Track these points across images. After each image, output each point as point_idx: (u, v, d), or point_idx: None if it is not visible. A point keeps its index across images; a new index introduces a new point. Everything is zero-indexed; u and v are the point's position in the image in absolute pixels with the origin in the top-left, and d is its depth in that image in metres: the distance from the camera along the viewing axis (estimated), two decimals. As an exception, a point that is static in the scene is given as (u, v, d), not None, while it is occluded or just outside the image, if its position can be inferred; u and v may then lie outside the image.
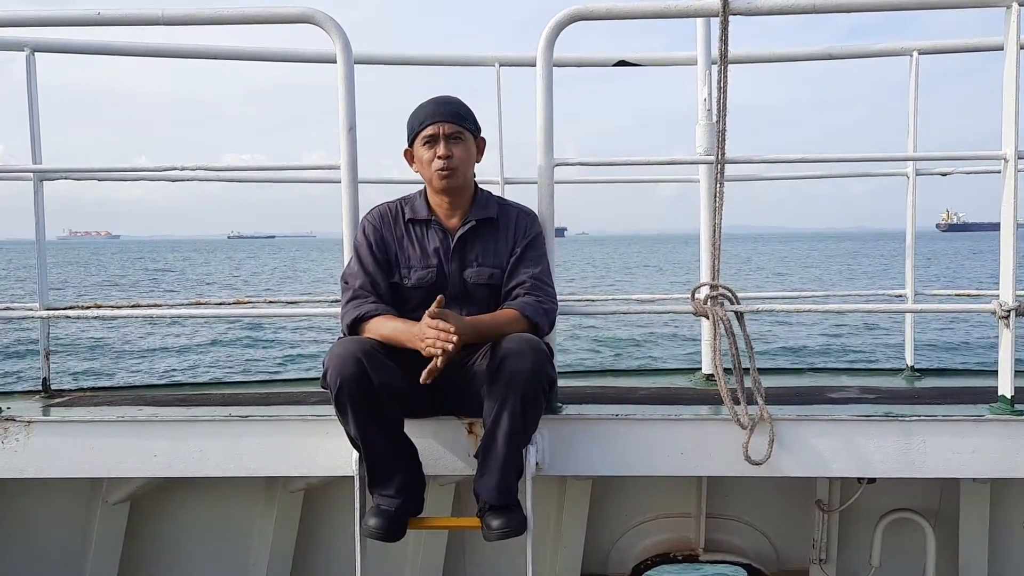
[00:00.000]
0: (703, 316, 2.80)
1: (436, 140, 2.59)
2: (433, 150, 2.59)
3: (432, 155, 2.59)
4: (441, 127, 2.59)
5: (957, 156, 3.40)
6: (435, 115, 2.60)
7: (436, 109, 2.61)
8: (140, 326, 19.57)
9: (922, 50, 3.62)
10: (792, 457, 2.68)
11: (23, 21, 2.83)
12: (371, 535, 2.46)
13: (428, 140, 2.60)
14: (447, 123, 2.59)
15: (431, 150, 2.60)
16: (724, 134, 2.75)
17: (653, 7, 2.73)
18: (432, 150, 2.59)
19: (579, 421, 2.74)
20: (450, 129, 2.59)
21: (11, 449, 2.76)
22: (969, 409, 2.77)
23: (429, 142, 2.60)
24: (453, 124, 2.60)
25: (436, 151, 2.59)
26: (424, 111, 2.62)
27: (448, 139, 2.59)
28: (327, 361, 2.38)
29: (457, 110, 2.62)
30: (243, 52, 3.77)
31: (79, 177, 3.44)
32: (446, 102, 2.64)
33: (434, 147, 2.59)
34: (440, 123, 2.59)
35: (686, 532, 3.75)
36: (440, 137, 2.59)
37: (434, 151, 2.59)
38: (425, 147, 2.61)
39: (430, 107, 2.62)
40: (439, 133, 2.59)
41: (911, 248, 3.73)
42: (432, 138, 2.59)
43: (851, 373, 4.16)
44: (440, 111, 2.60)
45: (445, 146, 2.58)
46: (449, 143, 2.59)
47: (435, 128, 2.59)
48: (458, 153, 2.60)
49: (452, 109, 2.62)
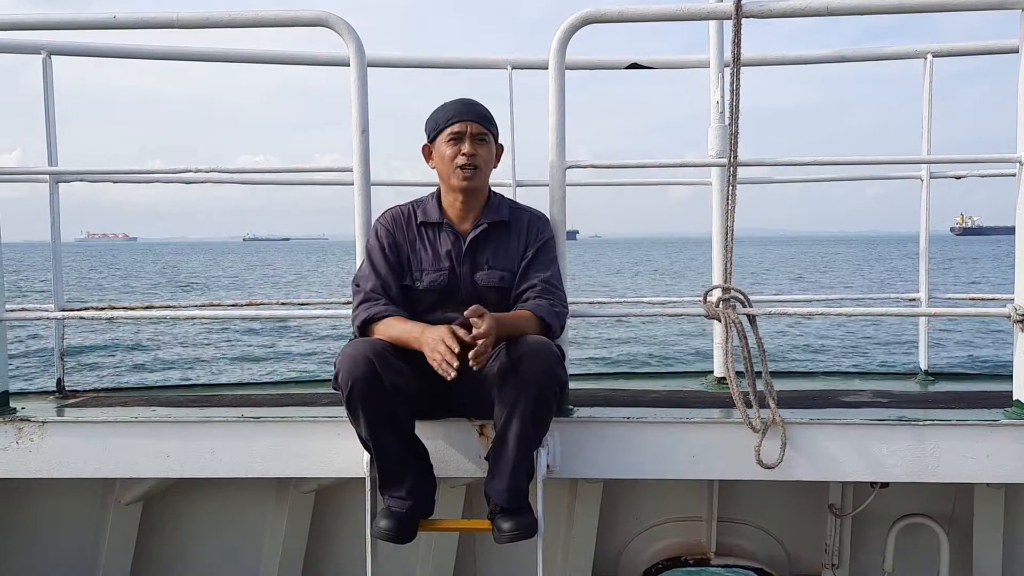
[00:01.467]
0: (715, 319, 2.79)
1: (462, 138, 2.60)
2: (457, 147, 2.60)
3: (456, 152, 2.60)
4: (469, 126, 2.60)
5: (971, 159, 3.39)
6: (464, 114, 2.61)
7: (465, 109, 2.62)
8: (154, 327, 19.66)
9: (936, 52, 3.61)
10: (804, 461, 2.67)
11: (40, 24, 2.85)
12: (381, 536, 2.46)
13: (454, 137, 2.60)
14: (475, 123, 2.61)
15: (455, 147, 2.60)
16: (736, 136, 2.75)
17: (665, 10, 2.73)
18: (456, 147, 2.60)
19: (591, 424, 2.73)
20: (477, 129, 2.61)
21: (25, 449, 2.78)
22: (983, 414, 2.74)
23: (454, 139, 2.60)
24: (480, 125, 2.62)
25: (461, 148, 2.59)
26: (452, 108, 2.63)
27: (474, 138, 2.60)
28: (338, 362, 2.39)
29: (485, 112, 2.65)
30: (257, 55, 3.80)
31: (94, 179, 3.46)
32: (474, 103, 2.65)
33: (459, 144, 2.60)
34: (468, 122, 2.60)
35: (697, 536, 3.74)
36: (467, 136, 2.60)
37: (458, 148, 2.60)
38: (449, 144, 2.61)
39: (458, 106, 2.63)
40: (466, 132, 2.60)
41: (924, 251, 3.71)
42: (458, 136, 2.60)
43: (864, 377, 4.14)
44: (468, 111, 2.62)
45: (471, 144, 2.60)
46: (475, 142, 2.60)
47: (463, 126, 2.60)
48: (482, 154, 2.62)
49: (480, 111, 2.64)
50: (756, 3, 2.68)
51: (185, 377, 14.75)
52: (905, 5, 2.67)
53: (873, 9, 2.68)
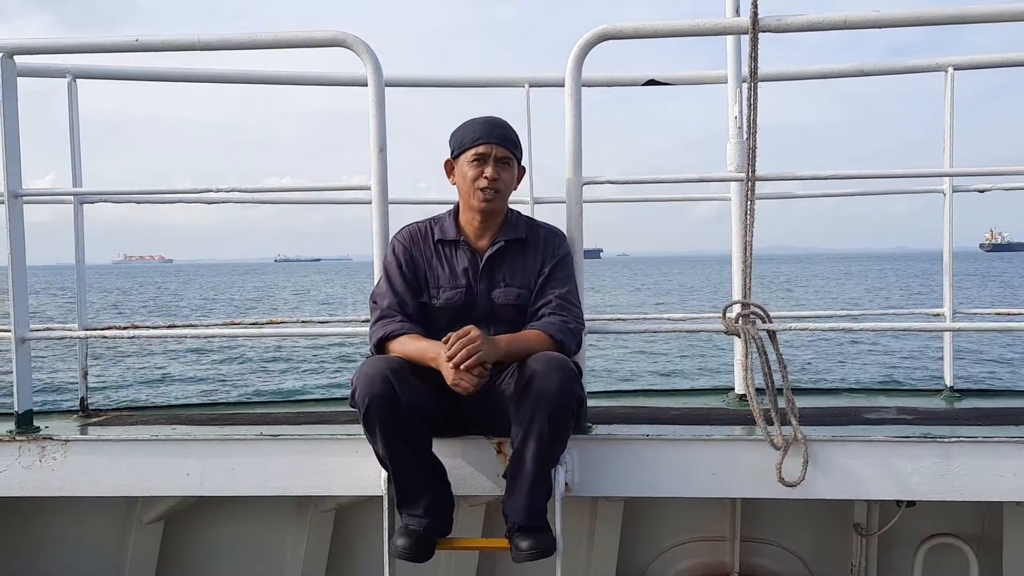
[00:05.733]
0: (735, 335, 2.76)
1: (486, 160, 2.58)
2: (480, 169, 2.58)
3: (478, 173, 2.58)
4: (495, 149, 2.58)
5: (993, 172, 3.33)
6: (490, 136, 2.59)
7: (491, 131, 2.60)
8: (177, 345, 19.82)
9: (957, 65, 3.57)
10: (827, 479, 2.63)
11: (63, 48, 2.89)
12: (399, 555, 2.45)
13: (478, 158, 2.59)
14: (500, 146, 2.59)
15: (478, 168, 2.59)
16: (755, 151, 2.74)
17: (682, 26, 2.73)
18: (479, 169, 2.59)
19: (609, 441, 2.71)
20: (502, 153, 2.59)
21: (48, 468, 2.80)
22: (1011, 431, 2.70)
23: (478, 160, 2.59)
24: (505, 149, 2.60)
25: (484, 171, 2.58)
26: (479, 128, 2.61)
27: (498, 162, 2.59)
28: (355, 380, 2.39)
29: (511, 136, 2.63)
30: (279, 76, 3.85)
31: (117, 200, 3.50)
32: (501, 125, 2.63)
33: (482, 167, 2.58)
34: (494, 145, 2.59)
35: (720, 556, 3.68)
36: (491, 159, 2.58)
37: (481, 170, 2.58)
38: (472, 164, 2.60)
39: (485, 126, 2.61)
40: (491, 154, 2.58)
41: (949, 266, 3.67)
42: (482, 157, 2.58)
43: (888, 393, 4.08)
44: (495, 133, 2.60)
45: (494, 168, 2.58)
46: (498, 166, 2.59)
47: (488, 148, 2.58)
48: (505, 177, 2.60)
49: (506, 134, 2.62)
50: (773, 18, 2.67)
51: (206, 395, 14.84)
52: (924, 17, 2.64)
53: (892, 22, 2.66)
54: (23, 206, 2.92)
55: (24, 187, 2.92)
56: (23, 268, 2.91)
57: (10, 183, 2.86)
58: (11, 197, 2.87)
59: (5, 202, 2.87)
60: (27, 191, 2.94)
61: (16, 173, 2.88)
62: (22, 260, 2.90)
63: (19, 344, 2.88)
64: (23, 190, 2.91)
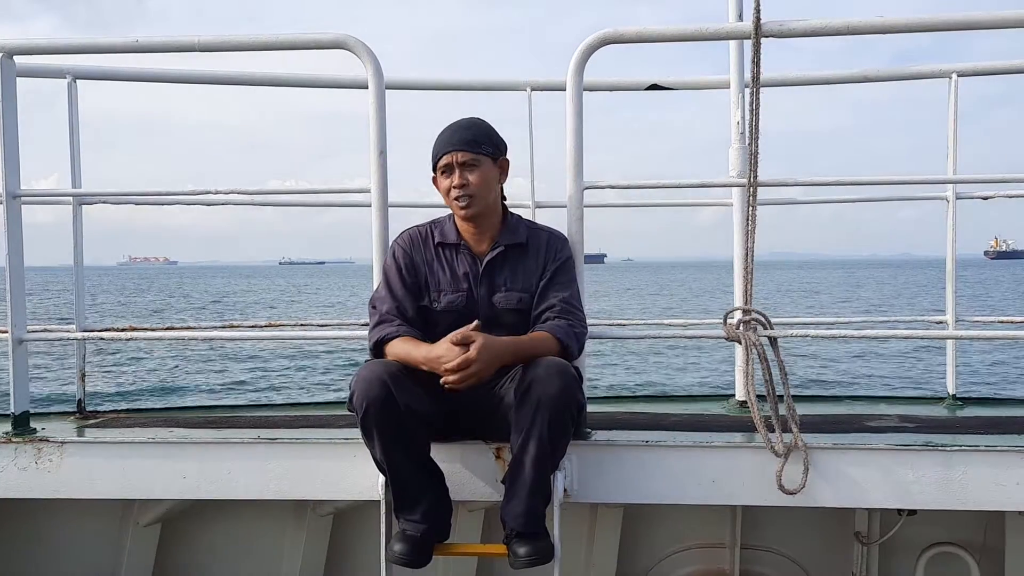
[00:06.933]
0: (735, 341, 2.75)
1: (451, 169, 2.58)
2: (449, 179, 2.59)
3: (449, 184, 2.59)
4: (454, 156, 2.57)
5: (997, 179, 3.31)
6: (448, 144, 2.59)
7: (450, 138, 2.60)
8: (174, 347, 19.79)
9: (961, 72, 3.56)
10: (828, 487, 2.61)
11: (63, 48, 2.88)
12: (396, 561, 2.43)
13: (444, 170, 2.60)
14: (459, 151, 2.57)
15: (448, 179, 2.59)
16: (756, 157, 2.72)
17: (684, 31, 2.72)
18: (449, 179, 2.59)
19: (609, 447, 2.69)
20: (463, 157, 2.57)
21: (44, 469, 2.78)
22: (1014, 439, 2.68)
23: (445, 171, 2.60)
24: (466, 152, 2.57)
25: (452, 180, 2.58)
26: (440, 141, 2.62)
27: (462, 167, 2.57)
28: (353, 384, 2.38)
29: (471, 136, 2.60)
30: (278, 78, 3.84)
31: (116, 201, 3.50)
32: (459, 128, 2.61)
33: (450, 176, 2.59)
34: (453, 152, 2.58)
35: (720, 563, 3.66)
36: (454, 166, 2.58)
37: (450, 180, 2.58)
38: (443, 176, 2.61)
39: (445, 135, 2.61)
40: (453, 162, 2.58)
41: (951, 273, 3.65)
42: (448, 167, 2.59)
43: (890, 401, 4.06)
44: (453, 139, 2.59)
45: (460, 175, 2.57)
46: (464, 171, 2.57)
47: (449, 158, 2.58)
48: (474, 180, 2.57)
49: (465, 136, 2.59)
50: (775, 23, 2.66)
51: (204, 397, 14.83)
52: (927, 23, 2.63)
53: (895, 28, 2.65)
54: (21, 207, 2.91)
55: (24, 187, 2.91)
56: (21, 269, 2.90)
57: (8, 183, 2.85)
58: (9, 198, 2.85)
59: (3, 202, 2.86)
60: (25, 192, 2.93)
61: (15, 173, 2.87)
62: (20, 261, 2.89)
63: (16, 345, 2.87)
64: (21, 191, 2.90)
